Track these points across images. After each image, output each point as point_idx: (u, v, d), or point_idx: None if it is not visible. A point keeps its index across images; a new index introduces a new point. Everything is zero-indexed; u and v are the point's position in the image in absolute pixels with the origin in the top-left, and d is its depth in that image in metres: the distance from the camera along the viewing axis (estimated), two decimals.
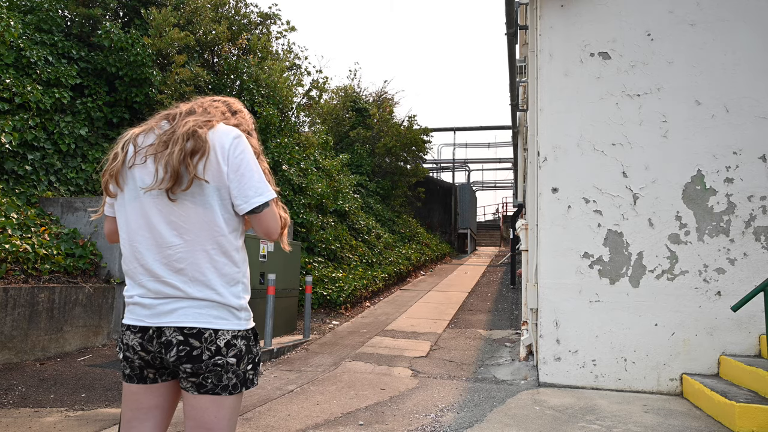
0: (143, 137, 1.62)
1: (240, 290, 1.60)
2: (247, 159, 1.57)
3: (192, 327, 1.51)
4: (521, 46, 9.37)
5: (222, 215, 1.56)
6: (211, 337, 1.52)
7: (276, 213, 1.63)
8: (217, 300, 1.54)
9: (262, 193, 1.57)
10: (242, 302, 1.60)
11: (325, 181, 12.48)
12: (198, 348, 1.51)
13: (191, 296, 1.53)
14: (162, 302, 1.53)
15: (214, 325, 1.53)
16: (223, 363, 1.53)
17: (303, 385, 5.14)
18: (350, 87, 20.88)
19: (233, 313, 1.57)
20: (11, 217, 6.30)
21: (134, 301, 1.58)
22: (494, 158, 31.12)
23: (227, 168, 1.54)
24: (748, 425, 3.82)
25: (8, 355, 5.53)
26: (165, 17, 9.96)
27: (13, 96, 7.42)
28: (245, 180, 1.55)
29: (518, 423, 4.04)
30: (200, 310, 1.53)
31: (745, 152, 5.22)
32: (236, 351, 1.55)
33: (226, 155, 1.54)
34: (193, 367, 1.51)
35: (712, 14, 5.38)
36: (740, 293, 4.99)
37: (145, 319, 1.55)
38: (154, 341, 1.54)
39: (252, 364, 1.62)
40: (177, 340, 1.51)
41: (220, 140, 1.55)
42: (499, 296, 11.85)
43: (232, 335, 1.55)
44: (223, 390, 1.54)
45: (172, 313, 1.52)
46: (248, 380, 1.61)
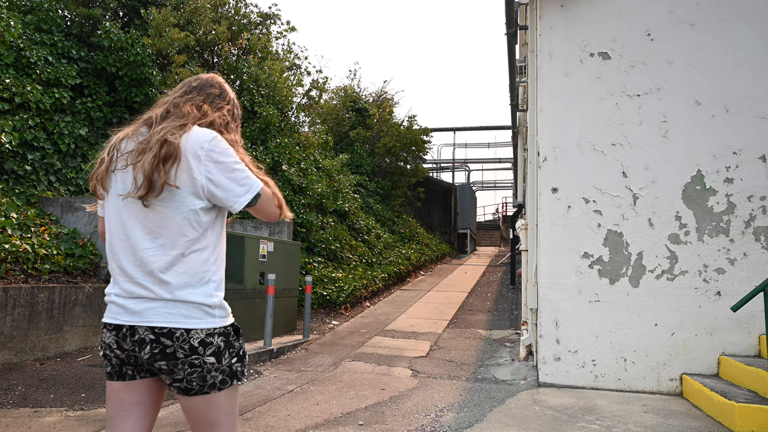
0: (125, 142, 1.65)
1: (212, 289, 1.62)
2: (227, 159, 1.59)
3: (162, 327, 1.54)
4: (521, 46, 9.37)
5: (193, 218, 1.58)
6: (183, 337, 1.54)
7: (270, 197, 1.67)
8: (186, 299, 1.56)
9: (249, 188, 1.60)
10: (214, 300, 1.61)
11: (325, 181, 12.48)
12: (171, 346, 1.53)
13: (161, 297, 1.55)
14: (134, 301, 1.57)
15: (184, 325, 1.55)
16: (200, 362, 1.55)
17: (303, 385, 5.14)
18: (350, 87, 20.88)
19: (205, 311, 1.59)
20: (11, 217, 6.30)
21: (111, 300, 1.62)
22: (494, 158, 31.14)
23: (206, 171, 1.56)
24: (747, 425, 3.82)
25: (8, 355, 5.53)
26: (165, 17, 9.96)
27: (13, 96, 7.42)
28: (229, 180, 1.58)
29: (518, 423, 4.04)
30: (170, 310, 1.55)
31: (745, 152, 5.22)
32: (213, 348, 1.57)
33: (203, 159, 1.56)
34: (169, 364, 1.53)
35: (712, 14, 5.38)
36: (740, 293, 4.99)
37: (118, 317, 1.59)
38: (127, 339, 1.56)
39: (237, 357, 1.64)
40: (149, 339, 1.54)
41: (194, 144, 1.57)
42: (499, 296, 11.85)
43: (207, 333, 1.57)
44: (211, 388, 1.57)
45: (144, 312, 1.55)
46: (236, 373, 1.63)
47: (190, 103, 1.69)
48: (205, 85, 1.78)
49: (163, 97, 1.78)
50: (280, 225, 9.36)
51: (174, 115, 1.65)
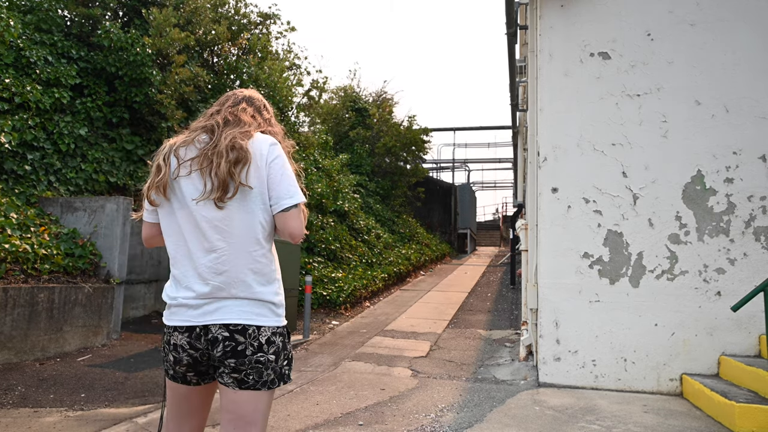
0: (184, 150, 1.73)
1: (277, 287, 1.72)
2: (281, 164, 1.71)
3: (237, 323, 1.63)
4: (521, 46, 9.37)
5: (263, 218, 1.69)
6: (255, 333, 1.64)
7: (301, 216, 1.73)
8: (258, 298, 1.66)
9: (292, 196, 1.69)
10: (280, 298, 1.72)
11: (324, 181, 12.48)
12: (243, 343, 1.63)
13: (235, 296, 1.64)
14: (208, 302, 1.65)
15: (256, 322, 1.65)
16: (265, 360, 1.64)
17: (303, 385, 5.14)
18: (350, 87, 20.89)
19: (272, 309, 1.69)
20: (11, 217, 6.30)
21: (179, 303, 1.69)
22: (494, 158, 31.15)
23: (266, 173, 1.68)
24: (748, 425, 3.82)
25: (8, 355, 5.53)
26: (166, 17, 9.95)
27: (13, 96, 7.42)
28: (280, 182, 1.68)
29: (518, 423, 4.04)
30: (243, 307, 1.65)
31: (745, 152, 5.22)
32: (275, 348, 1.67)
33: (265, 161, 1.68)
34: (237, 362, 1.62)
35: (712, 14, 5.38)
36: (740, 293, 4.99)
37: (191, 319, 1.66)
38: (201, 339, 1.65)
39: (287, 360, 1.73)
40: (223, 336, 1.63)
41: (259, 148, 1.69)
42: (499, 296, 11.85)
43: (272, 332, 1.67)
44: (263, 385, 1.66)
45: (218, 311, 1.64)
46: (284, 375, 1.72)
47: (245, 113, 1.80)
48: (250, 98, 1.90)
49: (209, 108, 1.87)
50: None
51: (234, 123, 1.75)
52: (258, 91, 2.02)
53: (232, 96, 1.88)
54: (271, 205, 1.68)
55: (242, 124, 1.75)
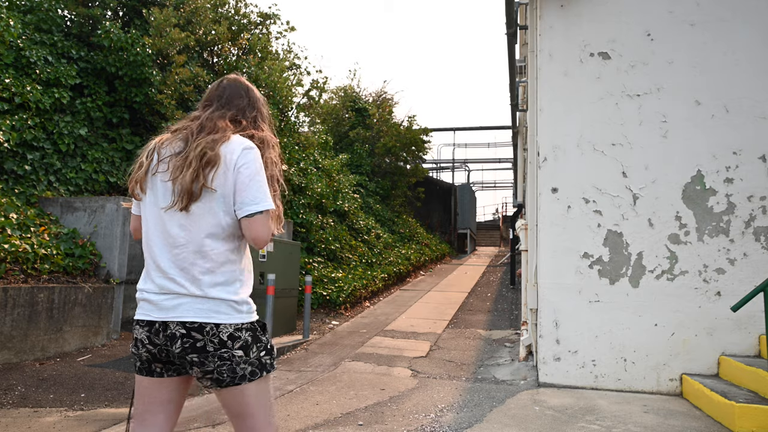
0: (166, 147, 1.76)
1: (238, 287, 1.71)
2: (252, 169, 1.69)
3: (193, 321, 1.64)
4: (521, 46, 9.37)
5: (224, 220, 1.69)
6: (213, 331, 1.64)
7: (267, 223, 1.71)
8: (215, 296, 1.66)
9: (258, 203, 1.68)
10: (241, 297, 1.71)
11: (324, 181, 12.48)
12: (201, 340, 1.63)
13: (192, 293, 1.65)
14: (167, 298, 1.67)
15: (214, 320, 1.65)
16: (230, 356, 1.64)
17: (302, 385, 5.14)
18: (350, 87, 20.88)
19: (232, 307, 1.68)
20: (11, 217, 6.30)
21: (143, 297, 1.72)
22: (494, 158, 31.16)
23: (233, 177, 1.67)
24: (747, 425, 3.82)
25: (8, 355, 5.53)
26: (166, 17, 9.95)
27: (13, 96, 7.42)
28: (246, 188, 1.67)
29: (518, 423, 4.04)
30: (200, 305, 1.65)
31: (745, 152, 5.22)
32: (241, 342, 1.67)
33: (233, 165, 1.67)
34: (200, 357, 1.63)
35: (712, 14, 5.38)
36: (740, 293, 4.99)
37: (151, 314, 1.68)
38: (160, 334, 1.66)
39: (265, 350, 1.74)
40: (180, 333, 1.64)
41: (231, 152, 1.69)
42: (499, 296, 11.85)
43: (235, 328, 1.67)
44: (242, 380, 1.65)
45: (176, 308, 1.65)
46: (266, 365, 1.73)
47: (222, 120, 1.78)
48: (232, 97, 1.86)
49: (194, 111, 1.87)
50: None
51: (209, 130, 1.74)
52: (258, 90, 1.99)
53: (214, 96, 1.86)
54: (235, 210, 1.68)
55: (217, 130, 1.74)
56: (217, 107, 1.83)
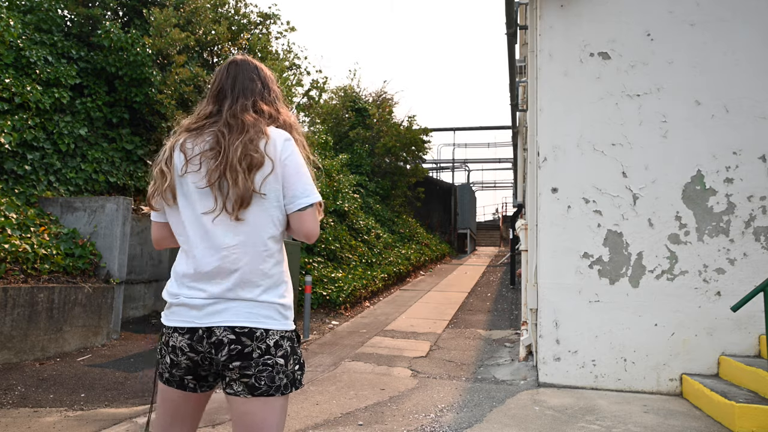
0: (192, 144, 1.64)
1: (284, 290, 1.64)
2: (295, 161, 1.63)
3: (244, 326, 1.54)
4: (521, 46, 9.37)
5: (275, 217, 1.61)
6: (262, 336, 1.55)
7: (317, 216, 1.65)
8: (266, 300, 1.58)
9: (308, 195, 1.61)
10: (288, 301, 1.64)
11: (324, 180, 12.48)
12: (249, 346, 1.54)
13: (242, 297, 1.56)
14: (213, 302, 1.56)
15: (264, 325, 1.56)
16: (273, 363, 1.55)
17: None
18: (350, 87, 20.88)
19: (281, 312, 1.61)
20: (11, 217, 6.30)
21: (180, 302, 1.59)
22: (494, 158, 31.16)
23: (281, 171, 1.60)
24: (747, 425, 3.82)
25: (8, 355, 5.53)
26: (166, 17, 9.95)
27: (13, 96, 7.42)
28: (294, 181, 1.61)
29: (518, 423, 4.04)
30: (251, 309, 1.56)
31: (745, 152, 5.22)
32: (283, 351, 1.59)
33: (279, 159, 1.60)
34: (243, 364, 1.53)
35: (712, 14, 5.38)
36: (740, 293, 4.99)
37: (195, 320, 1.57)
38: (204, 341, 1.55)
39: (298, 365, 1.65)
40: (228, 339, 1.54)
41: (273, 146, 1.60)
42: (499, 296, 11.85)
43: (280, 336, 1.59)
44: (276, 390, 1.56)
45: (223, 312, 1.55)
46: (297, 380, 1.63)
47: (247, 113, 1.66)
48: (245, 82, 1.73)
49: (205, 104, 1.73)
50: None
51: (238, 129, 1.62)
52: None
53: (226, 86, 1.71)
54: (285, 204, 1.61)
55: (247, 128, 1.61)
56: (234, 98, 1.69)
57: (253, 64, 1.78)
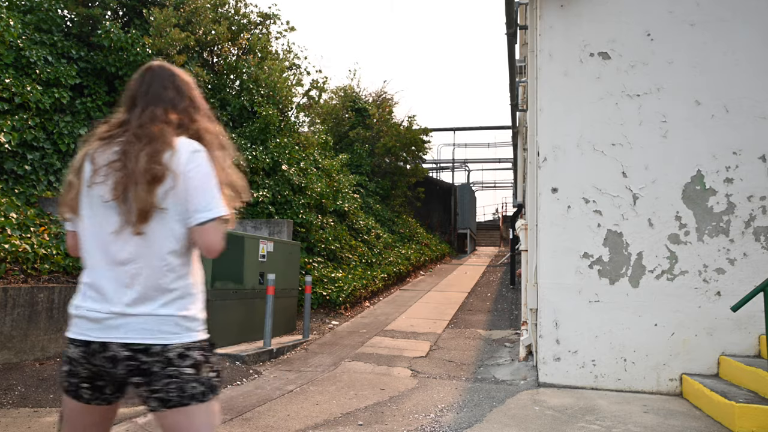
0: (99, 155, 1.60)
1: (189, 302, 1.59)
2: (200, 173, 1.56)
3: (139, 343, 1.50)
4: (521, 46, 9.37)
5: (177, 231, 1.56)
6: (161, 351, 1.51)
7: (221, 231, 1.59)
8: (164, 313, 1.53)
9: (210, 209, 1.55)
10: (192, 313, 1.59)
11: (324, 181, 12.48)
12: (146, 362, 1.50)
13: (139, 312, 1.52)
14: (110, 317, 1.52)
15: (162, 340, 1.51)
16: (178, 373, 1.50)
17: (302, 385, 5.14)
18: (350, 87, 20.87)
19: (182, 325, 1.55)
20: (11, 216, 6.30)
21: (81, 314, 1.56)
22: (494, 158, 31.15)
23: (182, 183, 1.54)
24: (747, 425, 3.82)
25: (8, 355, 5.53)
26: (166, 17, 9.95)
27: (13, 96, 7.42)
28: (196, 194, 1.55)
29: (518, 423, 4.04)
30: (147, 325, 1.51)
31: (744, 152, 5.22)
32: (192, 361, 1.54)
33: (181, 170, 1.54)
34: (145, 379, 1.50)
35: (712, 14, 5.38)
36: (740, 293, 4.99)
37: (89, 333, 1.53)
38: (97, 355, 1.52)
39: (214, 372, 1.60)
40: (124, 356, 1.49)
41: (177, 158, 1.55)
42: (499, 296, 11.85)
43: (184, 347, 1.54)
44: (191, 399, 1.51)
45: (119, 328, 1.51)
46: (215, 387, 1.59)
47: (154, 123, 1.61)
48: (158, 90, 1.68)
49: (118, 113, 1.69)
50: (279, 225, 9.36)
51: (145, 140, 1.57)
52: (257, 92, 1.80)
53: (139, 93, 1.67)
54: (186, 218, 1.56)
55: (152, 139, 1.56)
56: (144, 106, 1.64)
57: (169, 71, 1.73)
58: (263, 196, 10.11)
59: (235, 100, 11.58)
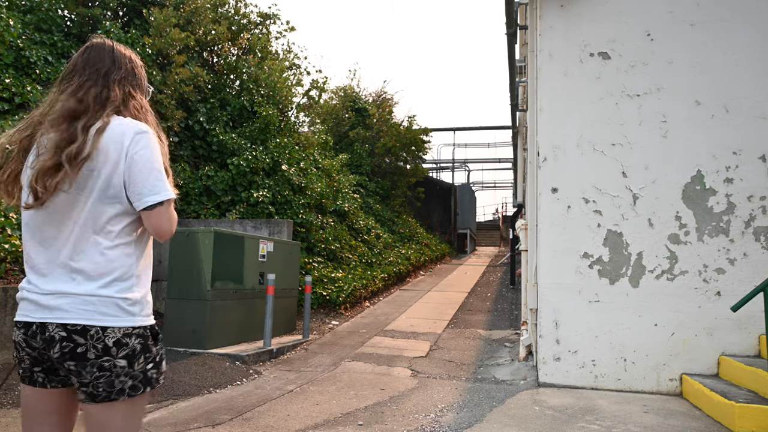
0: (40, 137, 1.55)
1: (132, 284, 1.54)
2: (146, 156, 1.52)
3: (76, 323, 1.46)
4: (521, 46, 9.37)
5: (116, 210, 1.52)
6: (98, 335, 1.46)
7: (170, 214, 1.57)
8: (105, 294, 1.49)
9: (157, 192, 1.52)
10: (136, 296, 1.54)
11: (324, 181, 12.48)
12: (83, 345, 1.45)
13: (77, 291, 1.48)
14: (47, 297, 1.49)
15: (100, 322, 1.47)
16: (111, 365, 1.47)
17: (302, 385, 5.14)
18: (350, 87, 20.87)
19: (123, 308, 1.51)
20: (11, 216, 6.30)
21: (22, 296, 1.54)
22: (494, 158, 31.15)
23: (125, 165, 1.51)
24: (747, 425, 3.82)
25: (8, 355, 5.52)
26: (166, 17, 9.95)
27: (13, 96, 7.42)
28: (143, 177, 1.51)
29: (518, 423, 4.04)
30: (86, 306, 1.47)
31: (744, 152, 5.22)
32: (128, 350, 1.50)
33: (126, 151, 1.51)
34: (78, 365, 1.45)
35: (712, 14, 5.38)
36: (740, 293, 4.99)
37: (29, 314, 1.51)
38: (37, 337, 1.48)
39: (153, 363, 1.56)
40: (60, 336, 1.45)
41: (118, 137, 1.51)
42: (499, 296, 11.85)
43: (124, 333, 1.49)
44: (119, 394, 1.48)
45: (57, 309, 1.47)
46: (151, 380, 1.55)
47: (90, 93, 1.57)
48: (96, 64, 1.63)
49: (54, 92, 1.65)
50: (279, 225, 9.36)
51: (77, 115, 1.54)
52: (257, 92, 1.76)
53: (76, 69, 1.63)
54: (133, 202, 1.52)
55: (88, 111, 1.53)
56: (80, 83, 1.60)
57: (109, 46, 1.67)
58: (263, 196, 10.11)
59: (235, 100, 11.58)
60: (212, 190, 10.04)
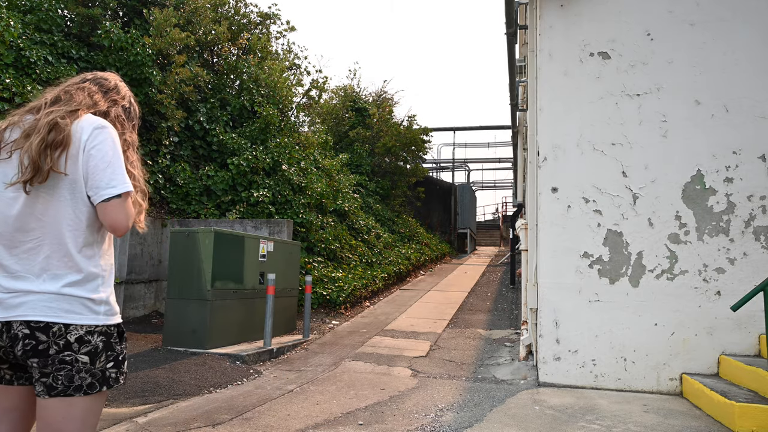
0: (9, 132, 1.59)
1: (98, 284, 1.56)
2: (104, 150, 1.54)
3: (39, 321, 1.47)
4: (521, 45, 9.37)
5: (77, 208, 1.54)
6: (61, 332, 1.48)
7: (126, 209, 1.57)
8: (70, 293, 1.51)
9: (114, 186, 1.53)
10: (101, 296, 1.56)
11: (324, 180, 12.48)
12: (45, 342, 1.47)
13: (41, 289, 1.49)
14: (12, 295, 1.50)
15: (64, 320, 1.49)
16: (72, 360, 1.48)
17: (303, 385, 5.14)
18: (350, 87, 20.88)
19: (88, 306, 1.53)
20: None
21: None
22: (494, 158, 31.13)
23: (83, 159, 1.53)
24: (747, 425, 3.82)
25: None
26: (166, 17, 9.96)
27: (13, 96, 7.42)
28: (100, 170, 1.53)
29: (518, 423, 4.04)
30: (50, 303, 1.49)
31: (744, 152, 5.22)
32: (90, 348, 1.51)
33: (84, 146, 1.53)
34: (40, 361, 1.46)
35: (712, 14, 5.38)
36: (740, 293, 4.99)
37: None
38: (3, 335, 1.49)
39: (114, 362, 1.56)
40: (23, 334, 1.47)
41: (82, 131, 1.54)
42: (499, 296, 11.85)
43: (86, 330, 1.51)
44: (76, 390, 1.49)
45: (20, 306, 1.49)
46: (109, 378, 1.55)
47: (82, 92, 1.66)
48: (100, 79, 1.76)
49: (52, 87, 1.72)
50: (279, 225, 9.36)
51: (64, 101, 1.60)
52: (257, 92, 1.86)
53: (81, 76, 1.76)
54: (90, 196, 1.53)
55: (72, 102, 1.60)
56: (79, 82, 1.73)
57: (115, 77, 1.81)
58: (263, 195, 10.12)
59: (235, 100, 11.59)
60: (212, 190, 10.05)
